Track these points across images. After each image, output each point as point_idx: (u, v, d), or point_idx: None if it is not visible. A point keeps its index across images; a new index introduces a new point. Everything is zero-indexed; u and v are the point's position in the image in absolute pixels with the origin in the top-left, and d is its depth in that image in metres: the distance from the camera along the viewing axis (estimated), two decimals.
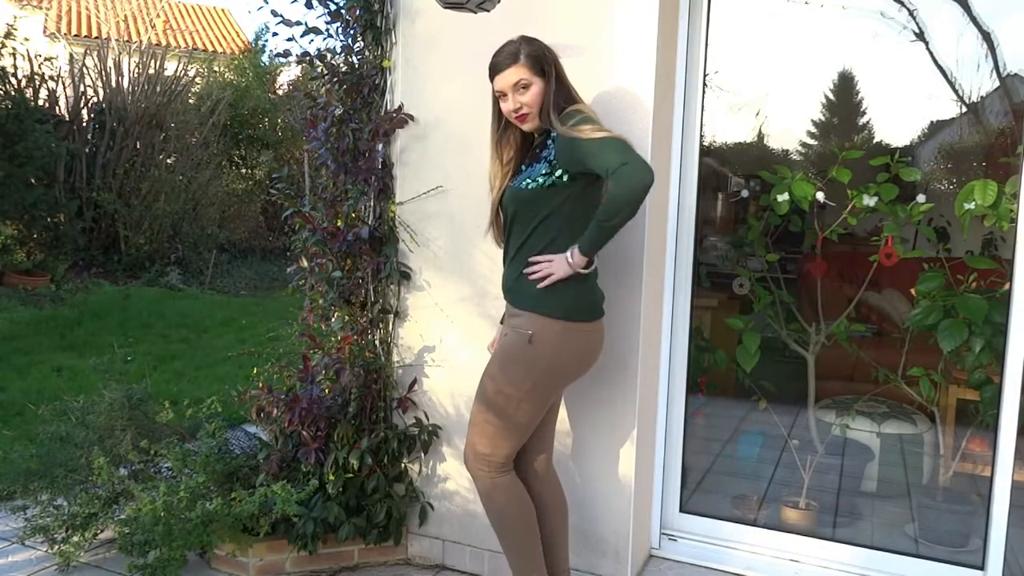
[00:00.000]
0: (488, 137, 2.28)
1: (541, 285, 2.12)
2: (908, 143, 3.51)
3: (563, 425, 2.60)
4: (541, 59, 2.13)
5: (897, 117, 3.47)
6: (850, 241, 3.28)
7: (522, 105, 2.13)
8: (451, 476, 2.80)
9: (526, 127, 2.18)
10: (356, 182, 2.78)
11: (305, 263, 2.86)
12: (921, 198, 3.00)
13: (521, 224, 2.18)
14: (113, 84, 9.10)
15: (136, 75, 9.22)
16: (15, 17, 8.17)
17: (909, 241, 3.14)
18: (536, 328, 2.12)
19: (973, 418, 3.05)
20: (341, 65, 2.85)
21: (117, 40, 10.32)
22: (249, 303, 8.22)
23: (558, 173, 2.10)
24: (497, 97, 2.19)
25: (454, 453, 2.78)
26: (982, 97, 3.15)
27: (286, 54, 2.99)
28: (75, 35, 14.44)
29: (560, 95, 2.14)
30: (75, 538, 2.77)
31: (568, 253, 2.08)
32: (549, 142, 2.15)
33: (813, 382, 3.31)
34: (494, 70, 2.15)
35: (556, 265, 2.10)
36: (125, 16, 14.14)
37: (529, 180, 2.14)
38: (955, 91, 3.17)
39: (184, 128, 9.56)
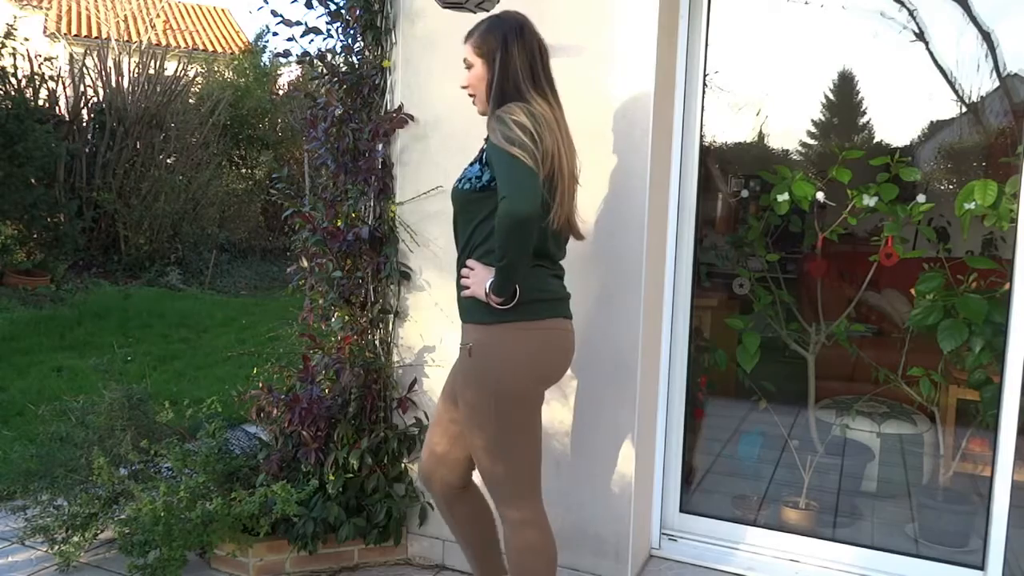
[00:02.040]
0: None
1: (462, 294, 1.99)
2: (908, 143, 3.51)
3: (563, 425, 2.60)
4: (488, 41, 1.98)
5: (897, 117, 3.47)
6: (850, 241, 3.28)
7: (467, 85, 2.03)
8: None
9: (476, 109, 2.06)
10: (356, 182, 2.78)
11: (305, 263, 2.86)
12: (921, 198, 3.00)
13: (461, 229, 2.04)
14: (113, 84, 9.10)
15: (136, 75, 9.22)
16: (15, 17, 8.17)
17: (909, 241, 3.14)
18: (473, 338, 1.96)
19: (973, 418, 3.05)
20: (341, 65, 2.86)
21: (117, 40, 10.32)
22: (249, 303, 8.23)
23: (487, 176, 1.94)
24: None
25: None
26: (982, 97, 3.15)
27: (286, 54, 2.99)
28: (75, 35, 14.45)
29: (504, 85, 1.96)
30: (75, 538, 2.77)
31: (488, 283, 1.90)
32: (485, 141, 1.99)
33: (813, 382, 3.31)
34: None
35: (475, 282, 1.95)
36: (125, 16, 14.15)
37: (465, 180, 2.00)
38: (955, 91, 3.17)
39: (184, 128, 9.56)
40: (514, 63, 1.96)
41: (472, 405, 2.00)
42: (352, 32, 2.84)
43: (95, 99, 9.12)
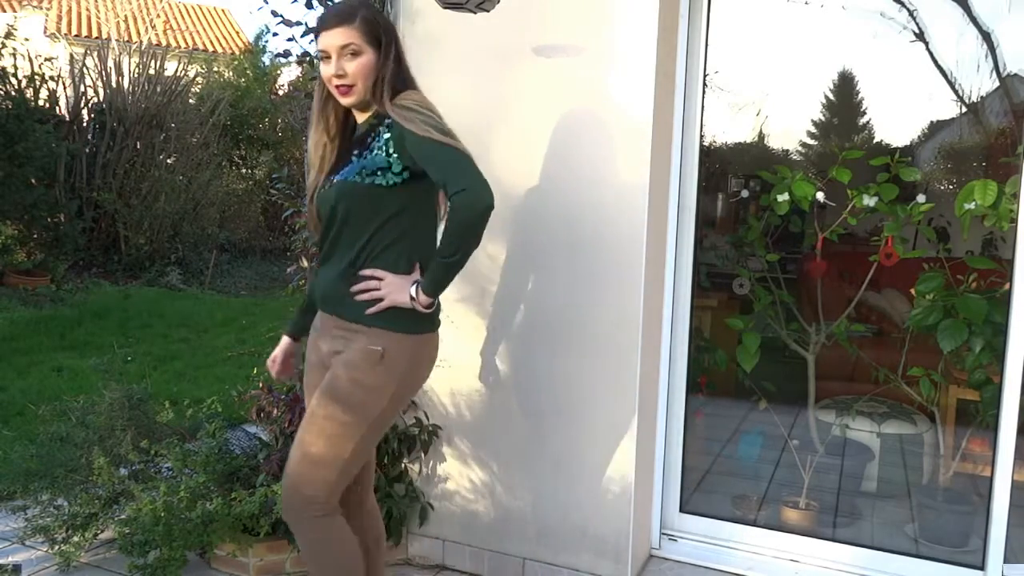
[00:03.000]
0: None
1: (370, 311, 1.85)
2: (908, 143, 3.52)
3: (563, 425, 2.60)
4: (377, 28, 1.87)
5: (897, 117, 3.48)
6: (850, 241, 3.29)
7: (346, 74, 1.84)
8: (451, 476, 2.80)
9: (346, 101, 1.90)
10: None
11: (305, 263, 2.86)
12: (921, 198, 3.00)
13: (355, 229, 1.88)
14: (113, 84, 9.10)
15: (136, 75, 9.22)
16: (15, 17, 8.18)
17: (909, 241, 3.14)
18: (387, 343, 1.85)
19: (973, 418, 3.06)
20: None
21: (117, 40, 10.32)
22: (249, 303, 8.23)
23: (398, 168, 1.83)
24: (319, 58, 1.90)
25: (454, 453, 2.78)
26: (982, 97, 3.15)
27: (286, 54, 2.98)
28: (75, 35, 14.44)
29: (397, 77, 1.88)
30: (75, 538, 2.77)
31: (412, 288, 1.82)
32: (382, 130, 1.86)
33: (813, 382, 3.31)
34: (320, 25, 1.88)
35: (392, 290, 1.84)
36: (125, 16, 14.14)
37: (367, 173, 1.84)
38: (955, 91, 3.17)
39: (184, 128, 9.56)
40: (403, 56, 1.94)
41: (357, 402, 1.88)
42: None
43: (95, 99, 9.12)
